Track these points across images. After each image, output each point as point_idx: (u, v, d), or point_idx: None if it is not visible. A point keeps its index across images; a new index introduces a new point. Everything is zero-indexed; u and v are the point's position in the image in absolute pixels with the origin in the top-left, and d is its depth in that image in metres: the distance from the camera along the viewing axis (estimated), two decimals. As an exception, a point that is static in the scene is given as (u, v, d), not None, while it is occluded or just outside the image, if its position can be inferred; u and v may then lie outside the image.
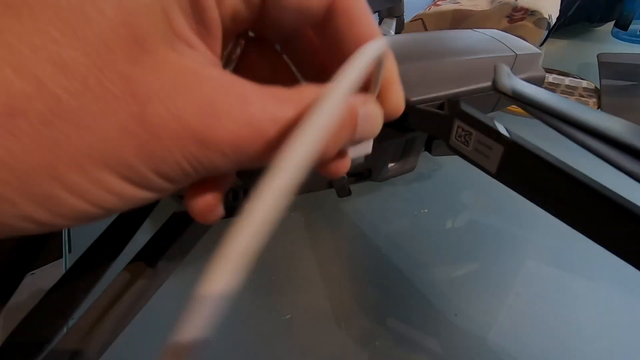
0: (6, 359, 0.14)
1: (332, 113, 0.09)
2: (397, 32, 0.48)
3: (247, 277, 0.07)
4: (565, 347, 0.20)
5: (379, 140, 0.13)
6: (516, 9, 0.43)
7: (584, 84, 0.40)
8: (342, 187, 0.25)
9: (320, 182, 0.25)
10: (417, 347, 0.21)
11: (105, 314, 0.15)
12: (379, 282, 0.24)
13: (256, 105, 0.09)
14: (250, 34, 0.13)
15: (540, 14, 0.42)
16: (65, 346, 0.14)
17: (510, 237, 0.27)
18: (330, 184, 0.25)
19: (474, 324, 0.21)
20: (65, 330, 0.15)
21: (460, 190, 0.32)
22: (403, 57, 0.19)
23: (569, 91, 0.39)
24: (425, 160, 0.34)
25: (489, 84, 0.19)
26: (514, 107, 0.36)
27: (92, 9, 0.08)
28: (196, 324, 0.07)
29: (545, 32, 0.43)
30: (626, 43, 0.52)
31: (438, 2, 0.50)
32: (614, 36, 0.53)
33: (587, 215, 0.12)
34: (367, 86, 0.12)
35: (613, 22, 0.54)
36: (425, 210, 0.29)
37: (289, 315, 0.23)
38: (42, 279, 0.26)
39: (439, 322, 0.22)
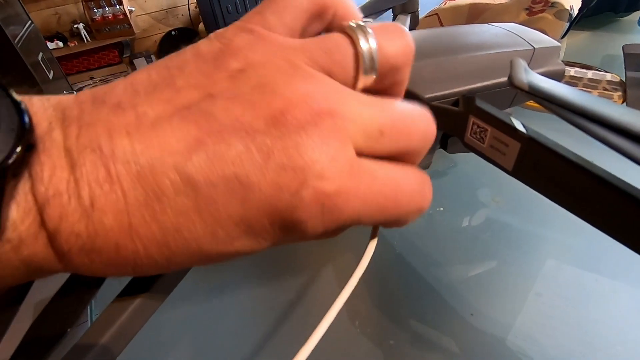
0: (29, 350, 0.15)
1: None
2: (412, 28, 0.47)
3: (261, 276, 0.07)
4: (588, 349, 0.19)
5: None
6: (535, 0, 0.42)
7: (608, 76, 0.38)
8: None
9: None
10: (433, 347, 0.21)
11: (129, 306, 0.16)
12: (394, 280, 0.24)
13: None
14: None
15: (562, 5, 0.41)
16: (88, 340, 0.15)
17: (529, 235, 0.26)
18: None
19: (491, 324, 0.21)
20: (89, 324, 0.16)
21: (476, 188, 0.31)
22: (417, 53, 0.19)
23: (592, 85, 0.38)
24: (440, 158, 0.33)
25: (505, 79, 0.19)
26: (532, 102, 0.35)
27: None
28: None
29: (567, 24, 0.41)
30: (654, 33, 0.50)
31: (454, -4, 0.49)
32: (640, 26, 0.51)
33: (610, 213, 0.12)
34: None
35: (639, 12, 0.51)
36: (441, 209, 0.29)
37: (303, 314, 0.23)
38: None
39: (455, 321, 0.21)
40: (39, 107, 0.10)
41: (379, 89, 0.13)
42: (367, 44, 0.11)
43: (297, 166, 0.10)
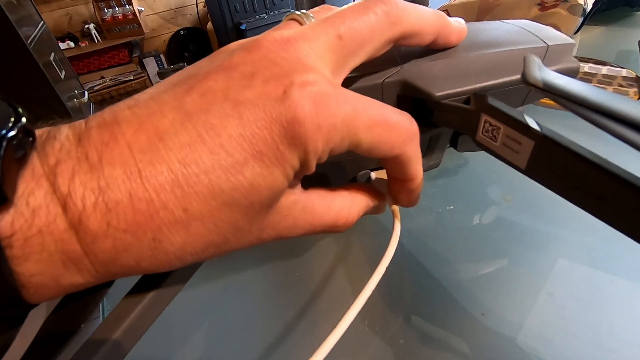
0: (43, 346, 0.15)
1: None
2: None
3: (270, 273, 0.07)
4: (603, 351, 0.19)
5: None
6: (548, -5, 0.41)
7: (624, 72, 0.37)
8: (365, 183, 0.24)
9: (343, 177, 0.25)
10: (443, 346, 0.20)
11: (141, 302, 0.16)
12: (403, 279, 0.24)
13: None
14: None
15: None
16: (100, 336, 0.15)
17: (541, 234, 0.26)
18: (354, 180, 0.25)
19: (502, 324, 0.21)
20: (101, 319, 0.16)
21: (487, 187, 0.31)
22: (427, 51, 0.18)
23: (607, 81, 0.37)
24: (450, 156, 0.33)
25: (517, 76, 0.18)
26: (545, 100, 0.34)
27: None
28: None
29: (581, 19, 0.41)
30: (671, 27, 0.48)
31: (464, -8, 0.48)
32: (657, 21, 0.50)
33: (627, 213, 0.12)
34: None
35: (656, 6, 0.50)
36: (451, 207, 0.29)
37: (312, 311, 0.23)
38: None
39: (466, 321, 0.21)
40: (56, 130, 0.11)
41: None
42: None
43: (280, 74, 0.11)
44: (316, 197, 0.14)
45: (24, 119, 0.09)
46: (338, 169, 0.22)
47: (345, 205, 0.15)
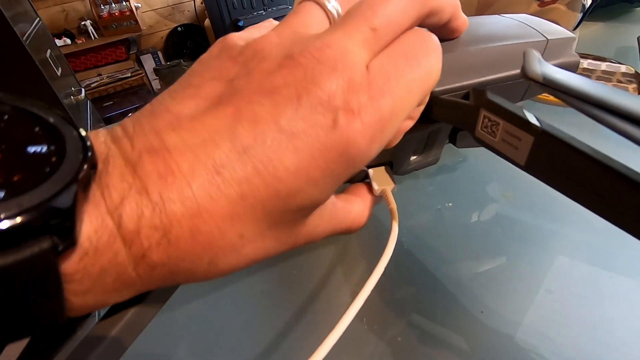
0: (37, 348, 0.15)
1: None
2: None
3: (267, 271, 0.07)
4: (605, 349, 0.19)
5: None
6: (547, -9, 0.41)
7: (623, 68, 0.37)
8: (361, 181, 0.24)
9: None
10: (442, 345, 0.20)
11: (137, 301, 0.16)
12: (402, 277, 0.24)
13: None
14: None
15: (574, -5, 0.40)
16: (96, 335, 0.15)
17: (540, 231, 0.26)
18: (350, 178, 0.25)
19: (501, 322, 0.21)
20: (97, 318, 0.16)
21: (486, 183, 0.30)
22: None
23: (606, 77, 0.37)
24: (449, 152, 0.33)
25: (517, 71, 0.18)
26: (544, 96, 0.34)
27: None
28: None
29: (580, 15, 0.40)
30: (670, 23, 0.48)
31: (463, -12, 0.48)
32: (656, 16, 0.50)
33: (627, 209, 0.11)
34: None
35: (656, 1, 0.50)
36: (450, 204, 0.29)
37: (310, 310, 0.23)
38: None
39: (465, 319, 0.21)
40: (93, 135, 0.11)
41: None
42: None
43: (324, 99, 0.11)
44: (339, 203, 0.16)
45: (89, 153, 0.09)
46: None
47: (360, 209, 0.17)
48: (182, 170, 0.10)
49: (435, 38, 0.14)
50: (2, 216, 0.07)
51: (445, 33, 0.18)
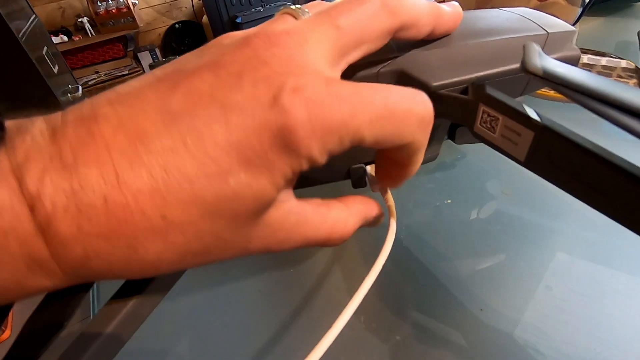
0: (26, 345, 0.15)
1: None
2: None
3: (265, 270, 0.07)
4: (604, 346, 0.19)
5: None
6: (547, -15, 0.40)
7: (623, 63, 0.37)
8: (359, 178, 0.24)
9: (337, 173, 0.24)
10: (441, 342, 0.20)
11: (131, 299, 0.15)
12: (400, 275, 0.24)
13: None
14: None
15: (574, -11, 0.39)
16: (89, 334, 0.15)
17: (540, 228, 0.25)
18: (347, 175, 0.24)
19: (501, 319, 0.20)
20: (91, 316, 0.16)
21: (485, 180, 0.30)
22: (424, 40, 0.18)
23: (606, 72, 0.36)
24: (448, 149, 0.32)
25: (517, 65, 0.18)
26: (543, 91, 0.33)
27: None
28: None
29: (580, 10, 0.40)
30: (671, 18, 0.48)
31: (462, -17, 0.47)
32: (656, 11, 0.49)
33: (629, 204, 0.11)
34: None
35: (656, -4, 0.49)
36: (449, 201, 0.28)
37: (308, 309, 0.23)
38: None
39: (464, 316, 0.21)
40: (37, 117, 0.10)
41: None
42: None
43: (270, 76, 0.10)
44: (310, 209, 0.14)
45: None
46: (330, 164, 0.21)
47: (341, 217, 0.15)
48: (104, 136, 0.09)
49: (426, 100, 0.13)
50: None
51: (437, 37, 0.17)
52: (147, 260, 0.10)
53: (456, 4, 0.18)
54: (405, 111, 0.12)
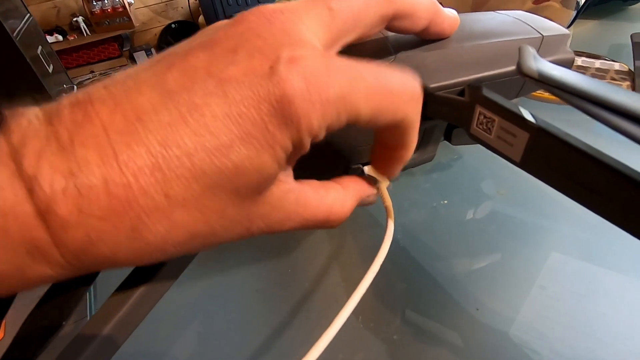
0: (24, 343, 0.14)
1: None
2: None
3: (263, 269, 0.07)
4: (597, 344, 0.19)
5: None
6: (542, -12, 0.41)
7: (616, 66, 0.37)
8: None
9: (335, 171, 0.24)
10: (437, 342, 0.20)
11: (131, 296, 0.15)
12: (397, 275, 0.24)
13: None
14: None
15: (568, -8, 0.40)
16: (90, 332, 0.15)
17: (535, 228, 0.26)
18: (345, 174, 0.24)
19: (496, 318, 0.21)
20: (89, 317, 0.16)
21: (481, 180, 0.30)
22: (421, 41, 0.18)
23: (600, 75, 0.37)
24: (444, 150, 0.33)
25: (512, 67, 0.18)
26: (538, 93, 0.34)
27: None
28: None
29: (574, 13, 0.41)
30: (663, 21, 0.49)
31: (458, -15, 0.48)
32: (649, 14, 0.50)
33: (622, 205, 0.11)
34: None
35: (648, 0, 0.50)
36: (445, 201, 0.29)
37: (305, 308, 0.23)
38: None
39: (460, 316, 0.21)
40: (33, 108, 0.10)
41: None
42: None
43: (265, 47, 0.10)
44: (309, 189, 0.14)
45: None
46: (329, 163, 0.21)
47: (338, 197, 0.15)
48: (100, 117, 0.09)
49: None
50: None
51: (432, 36, 0.17)
52: (153, 242, 0.10)
53: (454, 11, 0.18)
54: (398, 87, 0.12)
